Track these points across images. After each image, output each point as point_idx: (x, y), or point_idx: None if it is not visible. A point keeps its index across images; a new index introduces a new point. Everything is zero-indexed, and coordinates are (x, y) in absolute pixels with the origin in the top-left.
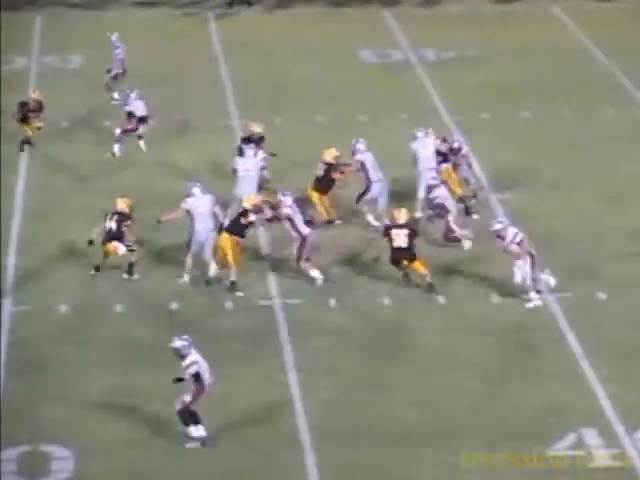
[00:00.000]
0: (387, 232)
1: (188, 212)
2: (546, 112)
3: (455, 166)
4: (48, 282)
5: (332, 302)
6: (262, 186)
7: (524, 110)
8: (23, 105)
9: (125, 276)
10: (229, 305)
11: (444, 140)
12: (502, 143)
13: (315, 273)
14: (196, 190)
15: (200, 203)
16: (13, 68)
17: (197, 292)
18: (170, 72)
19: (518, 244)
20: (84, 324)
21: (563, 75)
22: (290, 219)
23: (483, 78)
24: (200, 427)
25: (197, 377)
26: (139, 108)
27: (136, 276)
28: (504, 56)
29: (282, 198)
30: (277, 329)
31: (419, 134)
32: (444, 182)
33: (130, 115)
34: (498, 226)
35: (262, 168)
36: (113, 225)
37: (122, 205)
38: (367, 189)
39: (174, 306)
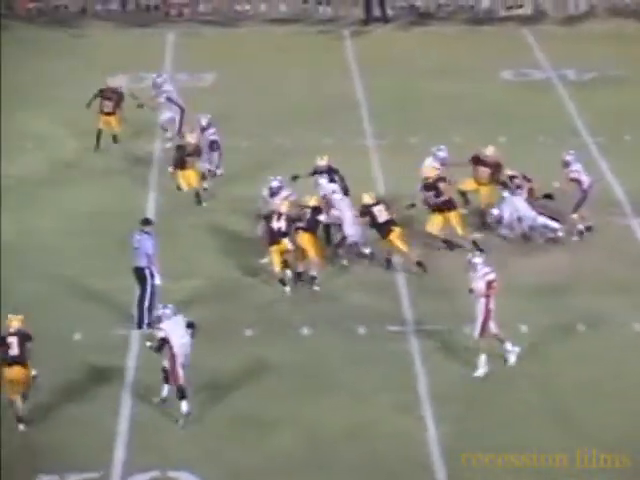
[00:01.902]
0: (368, 211)
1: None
2: None
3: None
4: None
5: (467, 329)
6: None
7: None
8: (180, 148)
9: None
10: (362, 330)
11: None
12: None
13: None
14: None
15: None
16: (145, 86)
17: (329, 317)
18: (303, 89)
19: (488, 283)
20: (211, 348)
21: None
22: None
23: (626, 99)
24: (184, 402)
25: (165, 341)
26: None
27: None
28: None
29: (333, 196)
30: (411, 356)
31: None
32: None
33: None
34: (476, 259)
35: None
36: (282, 225)
37: (284, 208)
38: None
39: (305, 331)
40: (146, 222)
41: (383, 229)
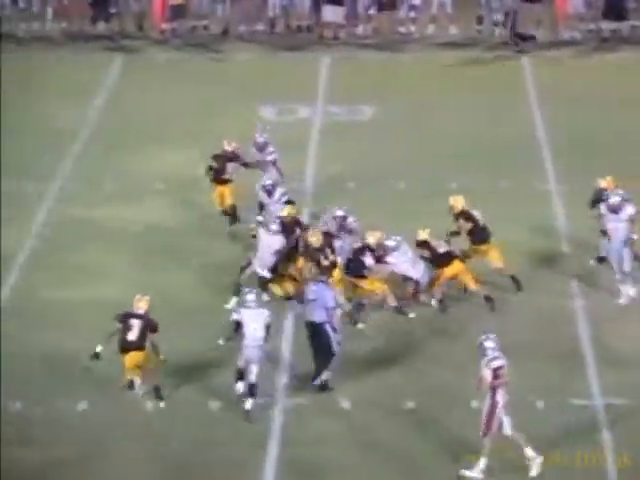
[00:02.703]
0: (426, 244)
1: None
2: None
3: None
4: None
5: None
6: None
7: None
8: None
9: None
10: (540, 405)
11: None
12: None
13: (433, 301)
14: None
15: None
16: (296, 119)
17: None
18: (476, 124)
19: (493, 371)
20: (372, 418)
21: None
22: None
23: None
24: (240, 384)
25: (238, 325)
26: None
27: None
28: None
29: (387, 242)
30: (599, 433)
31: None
32: None
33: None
34: (488, 342)
35: None
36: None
37: (372, 240)
38: None
39: (474, 404)
40: None
41: (443, 260)
